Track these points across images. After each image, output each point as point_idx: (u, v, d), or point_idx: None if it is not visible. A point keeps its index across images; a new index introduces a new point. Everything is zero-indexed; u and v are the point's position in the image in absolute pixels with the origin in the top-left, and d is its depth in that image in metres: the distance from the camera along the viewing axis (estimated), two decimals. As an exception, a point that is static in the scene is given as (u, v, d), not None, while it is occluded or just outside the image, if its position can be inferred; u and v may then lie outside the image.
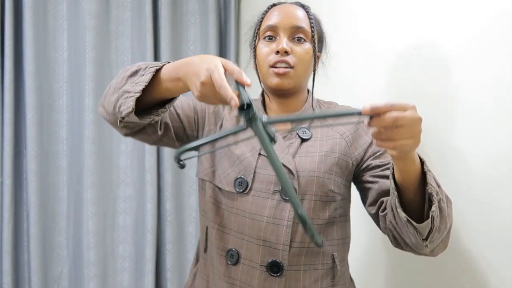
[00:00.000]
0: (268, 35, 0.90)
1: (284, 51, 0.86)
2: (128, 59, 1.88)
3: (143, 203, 1.87)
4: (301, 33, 0.89)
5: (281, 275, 0.82)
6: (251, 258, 0.84)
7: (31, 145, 1.70)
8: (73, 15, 1.79)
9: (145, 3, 1.85)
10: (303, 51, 0.88)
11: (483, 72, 0.85)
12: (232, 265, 0.86)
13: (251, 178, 0.85)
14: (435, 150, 0.96)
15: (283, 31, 0.88)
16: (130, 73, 0.79)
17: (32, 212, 1.71)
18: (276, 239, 0.82)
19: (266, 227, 0.83)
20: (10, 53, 1.67)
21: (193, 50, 1.99)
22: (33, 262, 1.71)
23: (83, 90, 1.79)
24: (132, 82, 0.77)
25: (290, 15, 0.89)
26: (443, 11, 0.94)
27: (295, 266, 0.83)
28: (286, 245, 0.82)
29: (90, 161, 1.78)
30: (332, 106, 0.96)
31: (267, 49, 0.89)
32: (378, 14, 1.15)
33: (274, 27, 0.89)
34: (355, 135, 0.89)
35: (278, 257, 0.82)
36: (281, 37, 0.88)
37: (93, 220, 1.79)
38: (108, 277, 1.85)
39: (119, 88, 0.79)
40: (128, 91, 0.75)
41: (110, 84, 0.84)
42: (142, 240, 1.87)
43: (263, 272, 0.83)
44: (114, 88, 0.80)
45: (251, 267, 0.84)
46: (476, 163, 0.87)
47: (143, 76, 0.75)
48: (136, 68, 0.78)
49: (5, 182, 1.68)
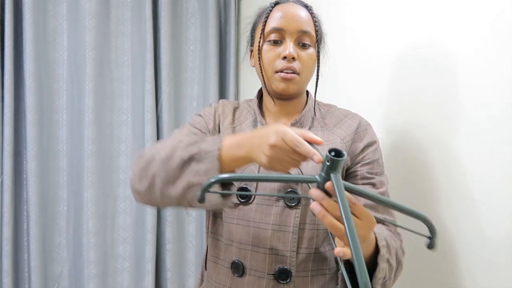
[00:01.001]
0: (273, 39, 0.88)
1: (292, 57, 0.85)
2: (128, 59, 1.88)
3: (143, 203, 1.87)
4: (307, 38, 0.87)
5: (289, 281, 0.82)
6: (257, 268, 0.83)
7: (31, 145, 1.70)
8: (73, 15, 1.79)
9: (145, 3, 1.85)
10: (308, 57, 0.88)
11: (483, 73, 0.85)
12: (238, 276, 0.85)
13: (254, 186, 0.85)
14: (435, 150, 0.96)
15: (289, 36, 0.86)
16: (182, 161, 0.70)
17: (32, 212, 1.71)
18: (283, 246, 0.82)
19: (272, 234, 0.82)
20: (10, 53, 1.67)
21: (193, 50, 1.99)
22: (33, 262, 1.72)
23: (83, 90, 1.79)
24: (192, 171, 0.69)
25: (296, 18, 0.87)
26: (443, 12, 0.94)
27: (302, 272, 0.83)
28: (293, 251, 0.82)
29: (90, 161, 1.78)
30: (331, 109, 0.96)
31: (273, 53, 0.87)
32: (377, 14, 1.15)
33: (281, 30, 0.86)
34: (353, 139, 0.89)
35: (286, 264, 0.82)
36: (287, 41, 0.86)
37: (93, 220, 1.79)
38: (108, 277, 1.85)
39: (173, 177, 0.70)
40: (194, 183, 0.68)
41: (148, 164, 0.74)
42: (142, 240, 1.87)
43: (271, 280, 0.82)
44: (166, 178, 0.71)
45: (258, 277, 0.83)
46: (476, 163, 0.86)
47: (203, 163, 0.68)
48: (191, 153, 0.70)
49: (5, 182, 1.68)
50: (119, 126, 1.87)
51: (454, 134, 0.92)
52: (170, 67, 1.92)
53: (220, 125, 0.93)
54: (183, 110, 1.99)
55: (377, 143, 0.90)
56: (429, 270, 0.98)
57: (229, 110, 0.96)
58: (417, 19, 1.01)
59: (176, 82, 1.96)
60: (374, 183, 0.86)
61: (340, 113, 0.94)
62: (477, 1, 0.86)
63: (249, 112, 0.95)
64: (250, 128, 0.91)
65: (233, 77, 2.02)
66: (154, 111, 1.87)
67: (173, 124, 1.93)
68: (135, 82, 1.88)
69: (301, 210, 0.83)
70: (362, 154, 0.88)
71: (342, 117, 0.93)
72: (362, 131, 0.90)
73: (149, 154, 0.75)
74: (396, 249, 0.79)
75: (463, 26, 0.89)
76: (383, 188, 0.86)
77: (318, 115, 0.94)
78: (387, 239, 0.76)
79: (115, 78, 1.87)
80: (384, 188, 0.86)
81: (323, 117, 0.93)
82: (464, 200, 0.89)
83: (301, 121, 0.91)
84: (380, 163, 0.89)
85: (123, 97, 1.88)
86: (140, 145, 1.88)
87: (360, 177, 0.86)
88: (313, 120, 0.92)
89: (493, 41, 0.83)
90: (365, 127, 0.91)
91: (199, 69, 1.99)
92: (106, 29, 1.84)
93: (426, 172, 0.99)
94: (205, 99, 2.00)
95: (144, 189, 0.75)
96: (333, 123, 0.92)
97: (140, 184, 0.75)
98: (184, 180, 0.69)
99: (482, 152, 0.85)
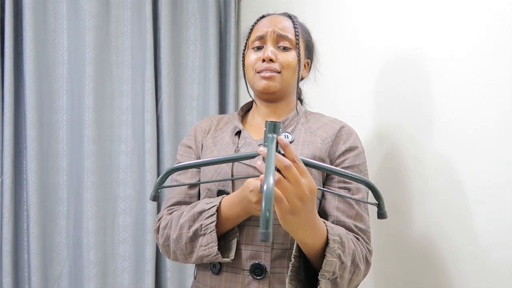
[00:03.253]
0: (256, 46, 0.95)
1: (269, 59, 0.91)
2: (128, 59, 1.88)
3: (143, 203, 1.87)
4: (285, 41, 0.93)
5: (264, 277, 0.83)
6: (233, 264, 0.85)
7: (31, 145, 1.70)
8: (73, 15, 1.79)
9: (145, 3, 1.85)
10: (288, 58, 0.93)
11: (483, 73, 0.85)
12: (216, 274, 0.87)
13: (230, 187, 0.87)
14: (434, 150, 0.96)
15: (269, 40, 0.93)
16: (189, 238, 0.84)
17: (32, 212, 1.71)
18: (257, 242, 0.84)
19: (247, 230, 0.84)
20: (10, 53, 1.67)
21: (193, 50, 1.99)
22: (33, 262, 1.72)
23: (83, 90, 1.79)
24: (199, 246, 0.83)
25: (276, 24, 0.94)
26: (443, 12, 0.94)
27: (278, 268, 0.84)
28: (267, 246, 0.83)
29: (90, 161, 1.79)
30: (317, 116, 0.99)
31: (255, 56, 0.95)
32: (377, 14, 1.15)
33: (262, 37, 0.94)
34: (334, 141, 0.90)
35: (261, 259, 0.83)
36: (267, 45, 0.93)
37: (93, 220, 1.79)
38: (108, 277, 1.85)
39: (187, 252, 0.85)
40: (204, 255, 0.83)
41: (165, 242, 0.90)
42: (142, 240, 1.87)
43: (246, 276, 0.84)
44: (181, 254, 0.87)
45: (234, 273, 0.85)
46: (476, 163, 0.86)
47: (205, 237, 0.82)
48: (194, 230, 0.83)
49: (5, 181, 1.68)
50: (119, 126, 1.87)
51: (454, 134, 0.92)
52: (170, 67, 1.92)
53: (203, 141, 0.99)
54: (183, 110, 1.99)
55: (359, 149, 0.91)
56: (428, 269, 0.98)
57: (212, 123, 1.02)
58: (417, 19, 1.01)
59: (176, 82, 1.97)
60: (350, 188, 0.86)
61: (327, 119, 0.98)
62: (477, 1, 0.86)
63: (230, 121, 1.01)
64: (229, 135, 0.96)
65: (233, 77, 2.03)
66: (154, 111, 1.87)
67: (173, 124, 1.93)
68: (135, 82, 1.88)
69: None
70: (343, 157, 0.89)
71: (327, 122, 0.96)
72: (345, 135, 0.92)
73: (165, 233, 0.90)
74: (354, 251, 0.78)
75: (463, 26, 0.89)
76: (359, 195, 0.86)
77: (303, 120, 0.97)
78: (342, 237, 0.76)
79: (115, 78, 1.87)
80: (359, 195, 0.86)
81: (308, 122, 0.97)
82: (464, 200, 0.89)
83: (285, 123, 0.95)
84: (361, 169, 0.89)
85: (123, 97, 1.88)
86: (140, 145, 1.88)
87: (336, 180, 0.87)
88: (297, 124, 0.95)
89: (493, 41, 0.83)
90: (349, 131, 0.93)
91: (199, 69, 2.00)
92: (106, 29, 1.84)
93: (425, 172, 0.99)
94: (205, 99, 2.01)
95: (171, 259, 0.92)
96: (317, 127, 0.94)
97: (167, 255, 0.92)
98: (196, 254, 0.84)
99: (481, 152, 0.85)
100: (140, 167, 1.88)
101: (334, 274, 0.73)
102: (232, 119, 1.01)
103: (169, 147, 1.91)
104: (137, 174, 1.88)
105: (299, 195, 0.62)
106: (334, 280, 0.75)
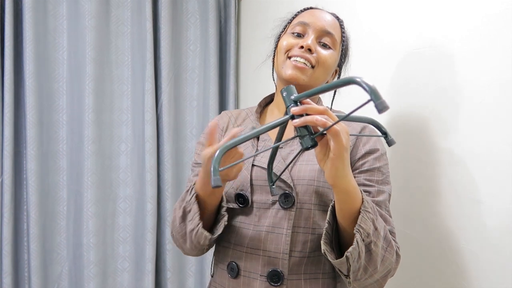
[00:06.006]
0: (297, 32, 0.89)
1: (309, 47, 0.86)
2: (128, 59, 1.88)
3: (143, 203, 1.87)
4: (329, 39, 0.89)
5: (281, 284, 0.82)
6: (251, 269, 0.84)
7: (31, 145, 1.70)
8: (73, 15, 1.79)
9: (145, 3, 1.85)
10: (327, 55, 0.88)
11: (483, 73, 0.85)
12: (233, 278, 0.86)
13: (249, 191, 0.86)
14: (435, 150, 0.96)
15: (312, 31, 0.88)
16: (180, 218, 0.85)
17: (32, 212, 1.71)
18: (276, 248, 0.82)
19: (265, 236, 0.83)
20: (10, 53, 1.67)
21: (193, 50, 1.99)
22: (33, 262, 1.71)
23: (83, 90, 1.79)
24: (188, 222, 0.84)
25: (324, 19, 0.89)
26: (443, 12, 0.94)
27: (295, 275, 0.83)
28: (285, 253, 0.82)
29: (90, 161, 1.78)
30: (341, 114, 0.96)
31: (292, 41, 0.89)
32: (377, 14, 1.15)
33: (305, 24, 0.89)
34: (355, 144, 0.87)
35: (278, 266, 0.82)
36: (309, 35, 0.88)
37: (93, 220, 1.79)
38: (108, 277, 1.85)
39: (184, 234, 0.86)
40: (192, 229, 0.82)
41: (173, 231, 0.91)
42: (142, 240, 1.87)
43: (263, 282, 0.83)
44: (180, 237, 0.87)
45: (251, 278, 0.84)
46: (477, 163, 0.87)
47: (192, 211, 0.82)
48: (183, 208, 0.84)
49: (5, 182, 1.67)
50: (119, 126, 1.87)
51: (454, 134, 0.92)
52: (170, 67, 1.92)
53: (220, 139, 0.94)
54: (183, 110, 1.99)
55: (380, 151, 0.86)
56: (429, 269, 0.98)
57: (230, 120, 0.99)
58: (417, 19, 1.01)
59: (176, 82, 1.96)
60: (370, 191, 0.82)
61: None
62: (477, 1, 0.86)
63: (248, 117, 0.98)
64: None
65: (233, 77, 2.02)
66: (154, 111, 1.87)
67: (173, 124, 1.93)
68: (135, 82, 1.88)
69: (295, 212, 0.83)
70: (362, 160, 0.85)
71: (349, 122, 0.91)
72: (366, 137, 0.88)
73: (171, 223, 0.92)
74: (386, 228, 0.77)
75: (463, 26, 0.89)
76: (380, 197, 0.82)
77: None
78: (374, 208, 0.75)
79: (115, 78, 1.87)
80: (381, 197, 0.82)
81: None
82: (465, 200, 0.89)
83: None
84: (383, 171, 0.85)
85: (123, 97, 1.88)
86: (140, 145, 1.88)
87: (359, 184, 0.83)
88: None
89: (493, 41, 0.83)
90: (370, 133, 0.89)
91: (199, 69, 1.99)
92: (106, 29, 1.84)
93: (427, 172, 0.99)
94: (205, 99, 2.00)
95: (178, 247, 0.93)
96: None
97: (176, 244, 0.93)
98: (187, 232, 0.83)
99: (482, 152, 0.85)
100: (140, 167, 1.88)
101: (369, 237, 0.70)
102: (250, 116, 0.97)
103: (169, 147, 1.91)
104: (137, 174, 1.88)
105: (345, 131, 0.65)
106: (368, 245, 0.71)
